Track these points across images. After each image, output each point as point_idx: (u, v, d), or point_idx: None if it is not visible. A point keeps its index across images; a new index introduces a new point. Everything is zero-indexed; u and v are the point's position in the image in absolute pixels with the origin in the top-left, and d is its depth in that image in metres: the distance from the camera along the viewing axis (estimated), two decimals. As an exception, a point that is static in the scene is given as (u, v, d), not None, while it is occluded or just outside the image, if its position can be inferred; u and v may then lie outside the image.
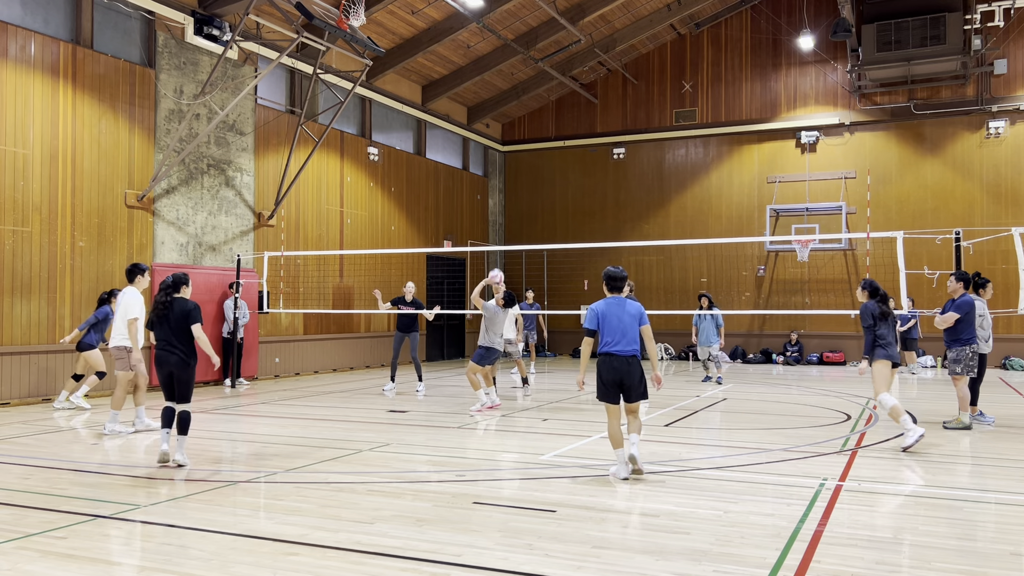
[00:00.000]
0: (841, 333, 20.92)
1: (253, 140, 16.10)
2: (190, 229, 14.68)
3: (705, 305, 15.53)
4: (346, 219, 18.68)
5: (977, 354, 9.75)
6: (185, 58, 14.58)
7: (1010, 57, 19.93)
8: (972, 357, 9.64)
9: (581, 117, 24.39)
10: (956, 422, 9.68)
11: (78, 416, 10.84)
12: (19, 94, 12.06)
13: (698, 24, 22.80)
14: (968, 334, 9.65)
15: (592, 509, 5.83)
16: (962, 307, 9.71)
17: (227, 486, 6.58)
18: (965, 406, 9.70)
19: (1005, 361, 19.09)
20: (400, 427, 9.90)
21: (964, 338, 9.67)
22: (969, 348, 9.64)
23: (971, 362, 9.63)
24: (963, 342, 9.67)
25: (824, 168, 21.55)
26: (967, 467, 7.76)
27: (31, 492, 6.36)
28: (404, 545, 4.95)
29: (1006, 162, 19.92)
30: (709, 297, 15.78)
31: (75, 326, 12.61)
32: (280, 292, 16.27)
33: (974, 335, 9.69)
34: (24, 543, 4.98)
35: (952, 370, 9.70)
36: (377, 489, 6.47)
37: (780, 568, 4.53)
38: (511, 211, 25.48)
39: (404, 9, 17.47)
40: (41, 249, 12.28)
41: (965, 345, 9.65)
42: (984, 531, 5.46)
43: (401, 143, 21.13)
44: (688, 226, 22.75)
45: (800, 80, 21.99)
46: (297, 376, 16.89)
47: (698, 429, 9.95)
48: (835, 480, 6.76)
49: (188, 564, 4.60)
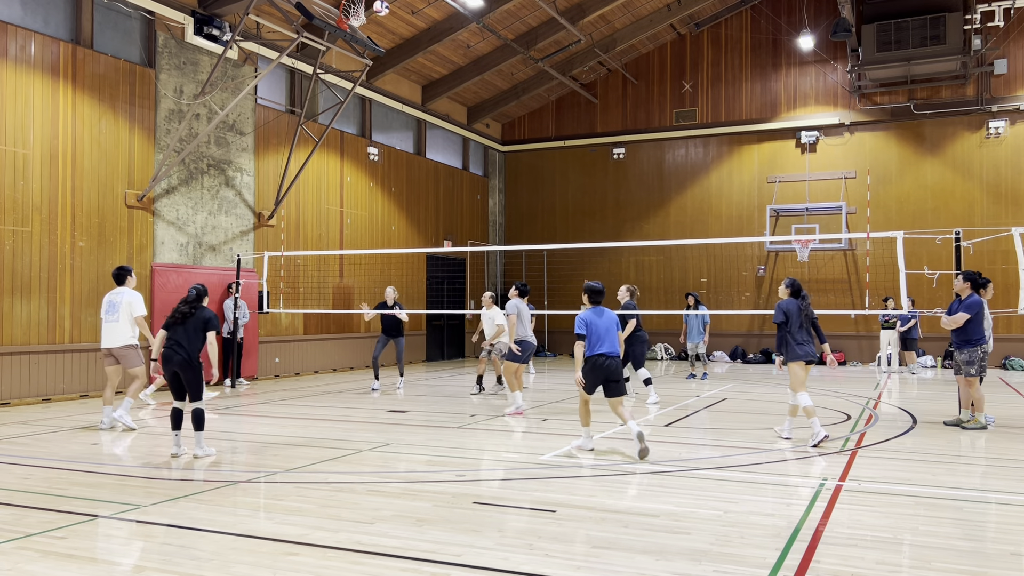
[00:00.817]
0: (841, 333, 20.91)
1: (253, 140, 16.10)
2: (190, 229, 14.68)
3: (692, 304, 15.99)
4: (346, 219, 18.68)
5: (988, 354, 9.72)
6: (185, 58, 14.58)
7: (1010, 57, 19.93)
8: (984, 358, 9.58)
9: (581, 117, 24.39)
10: (974, 423, 9.65)
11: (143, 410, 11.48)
12: (19, 94, 12.06)
13: (698, 24, 22.80)
14: (978, 334, 9.58)
15: (592, 509, 5.83)
16: (972, 307, 9.61)
17: (227, 486, 6.58)
18: (981, 407, 9.66)
19: (1005, 361, 19.09)
20: (400, 427, 9.90)
21: (975, 339, 9.59)
22: (980, 349, 9.57)
23: (983, 363, 9.58)
24: (974, 343, 9.60)
25: (824, 168, 21.55)
26: (967, 467, 7.76)
27: (31, 492, 6.36)
28: (404, 545, 4.95)
29: (1006, 162, 19.92)
30: (696, 296, 16.24)
31: (75, 326, 12.65)
32: (280, 292, 16.27)
33: (983, 335, 9.63)
34: (24, 543, 4.98)
35: (967, 372, 9.61)
36: (377, 489, 6.47)
37: (780, 568, 4.53)
38: (511, 211, 25.48)
39: (404, 9, 17.47)
40: (41, 249, 12.28)
41: (976, 346, 9.58)
42: (984, 531, 5.46)
43: (401, 143, 21.13)
44: (688, 226, 22.76)
45: (800, 80, 21.99)
46: (297, 376, 16.89)
47: (698, 429, 9.95)
48: (835, 480, 6.76)
49: (188, 564, 4.60)
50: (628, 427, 7.71)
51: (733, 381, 16.07)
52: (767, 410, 11.61)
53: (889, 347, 18.12)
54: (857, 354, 20.93)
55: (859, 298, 20.51)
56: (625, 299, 12.65)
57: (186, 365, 7.75)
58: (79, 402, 12.28)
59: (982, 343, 9.59)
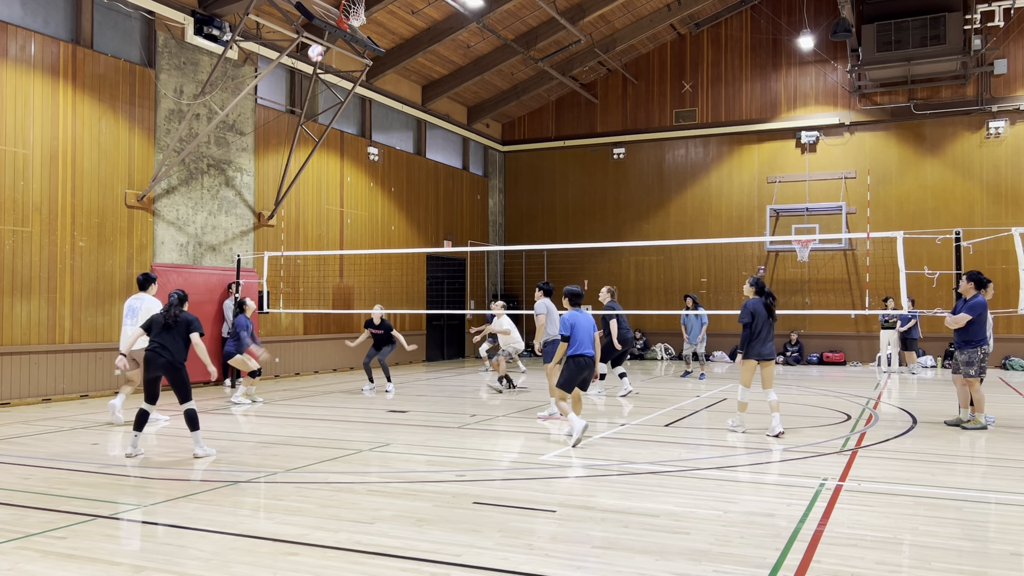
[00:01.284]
0: (841, 333, 20.92)
1: (253, 140, 16.09)
2: (190, 229, 14.67)
3: (690, 305, 16.22)
4: (346, 219, 18.68)
5: (988, 355, 9.69)
6: (185, 58, 14.58)
7: (1010, 57, 19.92)
8: (984, 359, 9.56)
9: (581, 117, 24.39)
10: (974, 423, 9.64)
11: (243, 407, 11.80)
12: (19, 94, 12.06)
13: (698, 24, 22.79)
14: (980, 335, 9.56)
15: (592, 509, 5.83)
16: (975, 308, 9.58)
17: (227, 486, 6.58)
18: (982, 407, 9.64)
19: (1005, 361, 19.09)
20: (400, 427, 9.90)
21: (976, 340, 9.57)
22: (980, 350, 9.55)
23: (983, 363, 9.56)
24: (975, 344, 9.57)
25: (824, 168, 21.55)
26: (967, 467, 7.76)
27: (31, 492, 6.36)
28: (404, 545, 4.95)
29: (1006, 162, 19.92)
30: (694, 297, 16.50)
31: (75, 326, 12.65)
32: (280, 292, 16.27)
33: (985, 336, 9.61)
34: (24, 543, 4.98)
35: (966, 373, 9.60)
36: (377, 489, 6.47)
37: (780, 568, 4.53)
38: (511, 211, 25.48)
39: (404, 9, 17.47)
40: (41, 249, 12.28)
41: (977, 347, 9.56)
42: (984, 531, 5.46)
43: (401, 143, 21.13)
44: (688, 226, 22.76)
45: (800, 80, 21.99)
46: (297, 376, 16.89)
47: (698, 429, 9.95)
48: (835, 480, 6.76)
49: (188, 564, 4.60)
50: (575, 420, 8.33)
51: (733, 381, 16.06)
52: (767, 410, 11.58)
53: (889, 347, 18.13)
54: (857, 354, 20.93)
55: (859, 298, 20.51)
56: (607, 300, 12.94)
57: (170, 368, 7.83)
58: (79, 402, 12.28)
59: (983, 344, 9.57)
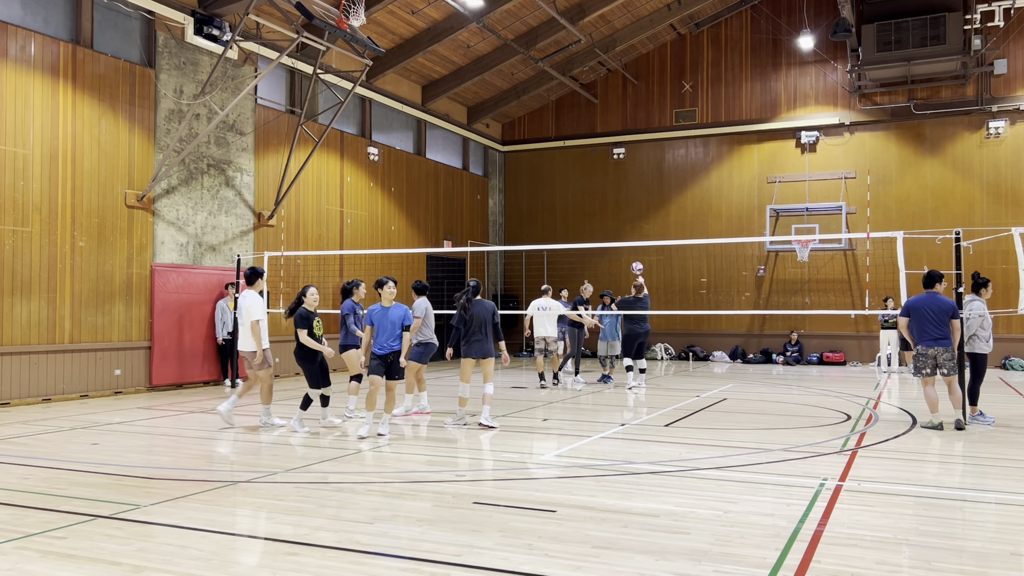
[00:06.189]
0: (841, 333, 20.91)
1: (253, 140, 16.09)
2: (190, 229, 14.67)
3: (607, 303, 15.25)
4: (346, 219, 18.68)
5: (923, 355, 9.69)
6: (185, 58, 14.58)
7: (1010, 57, 19.92)
8: (918, 358, 9.71)
9: (581, 117, 24.38)
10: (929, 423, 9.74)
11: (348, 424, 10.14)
12: (19, 94, 12.06)
13: (698, 24, 22.79)
14: (915, 336, 9.74)
15: (592, 509, 5.83)
16: (903, 308, 9.92)
17: (227, 486, 6.58)
18: (933, 408, 9.65)
19: (1005, 361, 19.09)
20: (400, 427, 9.90)
21: (914, 341, 9.83)
22: (916, 350, 9.77)
23: (918, 363, 9.70)
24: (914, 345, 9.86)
25: (824, 168, 21.54)
26: (967, 467, 7.76)
27: (31, 492, 6.36)
28: (404, 545, 4.95)
29: (1006, 162, 19.92)
30: (611, 294, 15.61)
31: (75, 326, 12.64)
32: (280, 292, 16.26)
33: (920, 338, 9.67)
34: (24, 543, 4.98)
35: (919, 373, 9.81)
36: (377, 489, 6.47)
37: (780, 568, 4.53)
38: (511, 211, 25.48)
39: (404, 9, 17.46)
40: (41, 249, 12.28)
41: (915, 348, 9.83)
42: (984, 531, 5.46)
43: (401, 143, 21.13)
44: (688, 226, 22.75)
45: (800, 80, 21.98)
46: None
47: (698, 429, 9.95)
48: (835, 480, 6.76)
49: (188, 564, 4.60)
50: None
51: (733, 381, 16.06)
52: (767, 410, 11.61)
53: (889, 347, 18.13)
54: (857, 354, 20.92)
55: (859, 298, 20.50)
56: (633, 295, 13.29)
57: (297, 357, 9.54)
58: (79, 402, 12.28)
59: (918, 345, 9.72)
